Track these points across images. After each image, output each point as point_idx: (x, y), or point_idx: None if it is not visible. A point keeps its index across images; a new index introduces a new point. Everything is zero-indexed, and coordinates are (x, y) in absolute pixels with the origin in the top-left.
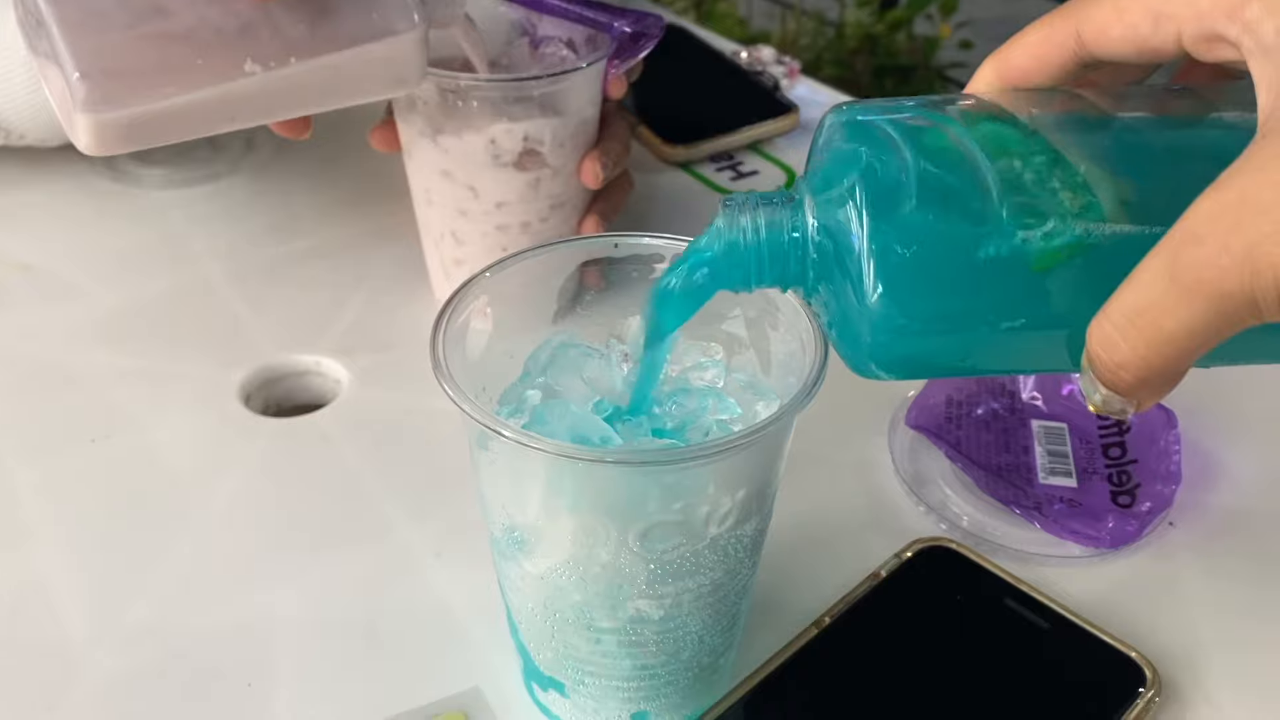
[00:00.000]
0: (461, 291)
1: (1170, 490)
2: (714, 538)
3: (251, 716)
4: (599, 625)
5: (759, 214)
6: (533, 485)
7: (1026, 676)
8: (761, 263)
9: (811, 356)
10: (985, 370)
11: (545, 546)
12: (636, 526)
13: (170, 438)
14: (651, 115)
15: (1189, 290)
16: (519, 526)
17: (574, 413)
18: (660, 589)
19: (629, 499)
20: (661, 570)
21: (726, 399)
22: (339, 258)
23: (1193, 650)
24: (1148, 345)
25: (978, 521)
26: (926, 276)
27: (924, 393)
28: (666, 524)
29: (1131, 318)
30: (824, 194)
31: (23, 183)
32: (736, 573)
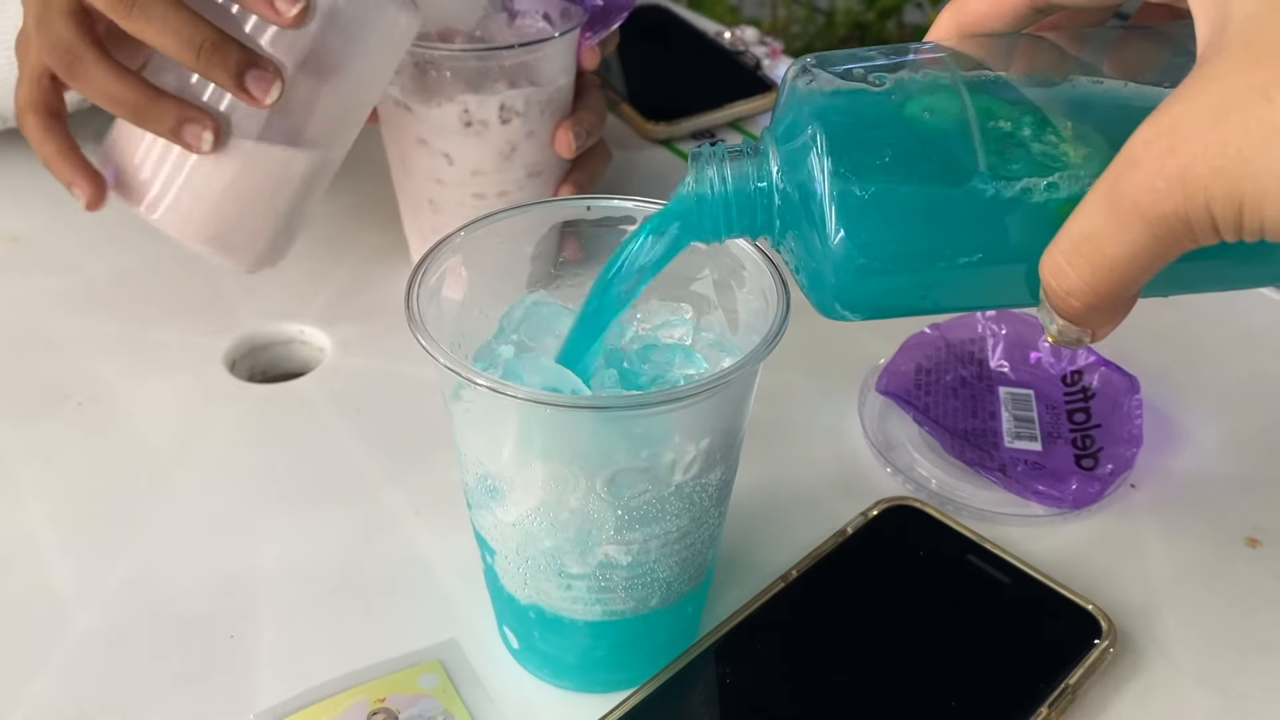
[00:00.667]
0: (436, 249)
1: (1132, 453)
2: (679, 485)
3: (234, 666)
4: (570, 571)
5: (725, 166)
6: (504, 433)
7: (987, 628)
8: (730, 213)
9: (774, 310)
10: (949, 307)
11: (517, 494)
12: (604, 473)
13: (156, 403)
14: (635, 93)
15: (1127, 215)
16: (492, 475)
17: (545, 365)
18: (628, 535)
19: (597, 446)
20: (629, 516)
21: (695, 355)
22: (322, 229)
23: (1149, 605)
24: (1093, 271)
25: (945, 483)
26: (885, 218)
27: (894, 360)
28: (633, 471)
29: (1078, 244)
30: (787, 144)
31: (11, 157)
32: (703, 521)
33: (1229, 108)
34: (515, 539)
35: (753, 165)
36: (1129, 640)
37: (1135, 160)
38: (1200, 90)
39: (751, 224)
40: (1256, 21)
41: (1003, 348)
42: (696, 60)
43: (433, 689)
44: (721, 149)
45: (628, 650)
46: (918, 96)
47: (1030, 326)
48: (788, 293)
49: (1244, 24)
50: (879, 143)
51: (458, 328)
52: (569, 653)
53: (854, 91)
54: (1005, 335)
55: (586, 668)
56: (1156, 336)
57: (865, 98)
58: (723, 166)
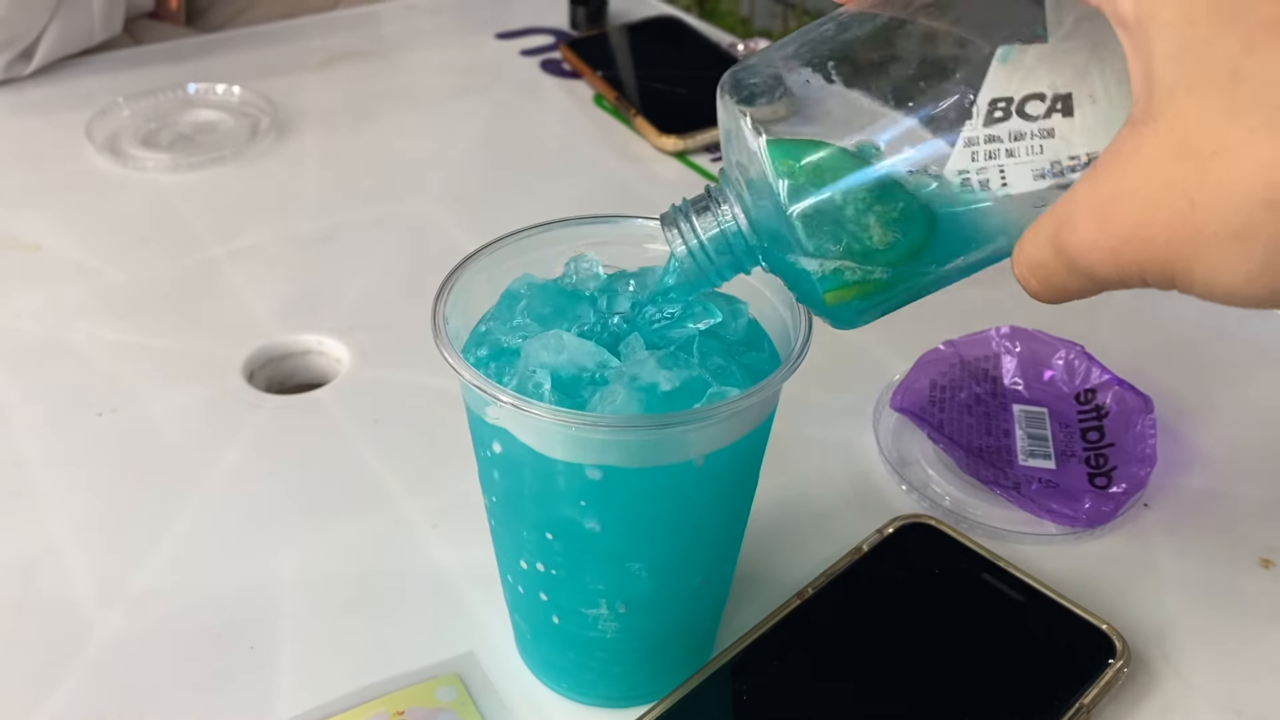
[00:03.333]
0: (461, 266)
1: (1145, 473)
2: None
3: (254, 677)
4: (592, 588)
5: (693, 223)
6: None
7: (1001, 647)
8: (717, 265)
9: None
10: (939, 286)
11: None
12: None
13: (175, 413)
14: (648, 105)
15: (1070, 264)
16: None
17: (569, 343)
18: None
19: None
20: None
21: (710, 305)
22: (340, 241)
23: (1162, 625)
24: (1050, 290)
25: (959, 500)
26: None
27: (909, 377)
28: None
29: (1033, 267)
30: (735, 186)
31: (32, 166)
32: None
33: (1155, 200)
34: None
35: (713, 217)
36: (1143, 660)
37: (1074, 224)
38: (1130, 166)
39: (739, 264)
40: (1177, 99)
41: (1016, 365)
42: (709, 72)
43: (451, 702)
44: (685, 205)
45: (646, 667)
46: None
47: (1044, 344)
48: (810, 314)
49: (1168, 98)
50: (833, 189)
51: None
52: (587, 669)
53: (796, 143)
54: (1019, 353)
55: (604, 683)
56: (1170, 355)
57: (808, 146)
58: (690, 224)
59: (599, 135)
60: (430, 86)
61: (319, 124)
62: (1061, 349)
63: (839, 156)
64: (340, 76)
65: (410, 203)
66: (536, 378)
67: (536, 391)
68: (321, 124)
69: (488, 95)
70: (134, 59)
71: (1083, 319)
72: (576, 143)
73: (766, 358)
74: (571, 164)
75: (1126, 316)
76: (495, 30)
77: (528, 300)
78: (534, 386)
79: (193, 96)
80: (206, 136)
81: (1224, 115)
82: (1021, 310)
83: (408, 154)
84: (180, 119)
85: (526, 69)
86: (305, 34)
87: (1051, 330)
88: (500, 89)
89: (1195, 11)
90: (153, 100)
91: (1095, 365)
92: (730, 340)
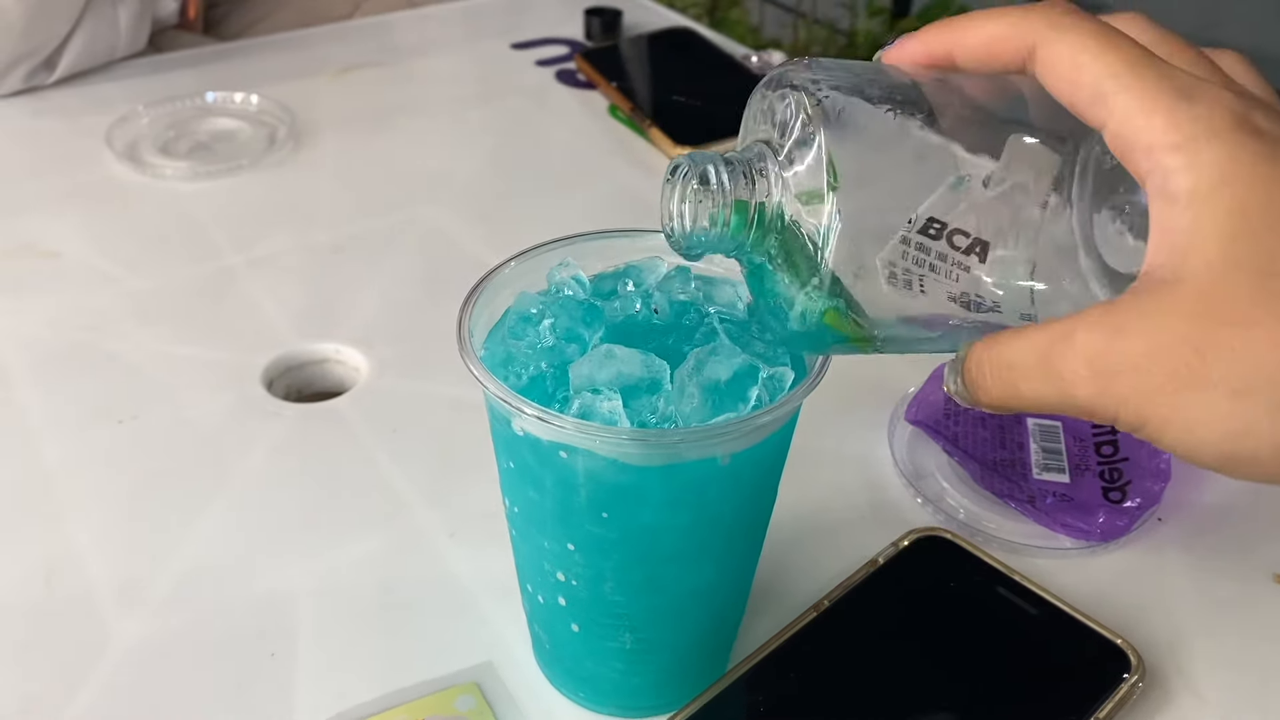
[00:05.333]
0: (487, 278)
1: (1159, 487)
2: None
3: (273, 685)
4: (612, 600)
5: (723, 183)
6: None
7: (1016, 660)
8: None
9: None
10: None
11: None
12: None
13: (195, 420)
14: (662, 116)
15: (1049, 377)
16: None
17: (620, 355)
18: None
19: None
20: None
21: (740, 285)
22: (356, 249)
23: (1176, 640)
24: (1003, 393)
25: (973, 513)
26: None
27: (924, 390)
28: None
29: (1001, 368)
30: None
31: (52, 174)
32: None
33: (1165, 346)
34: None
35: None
36: (1157, 675)
37: (1074, 341)
38: (1149, 310)
39: (726, 249)
40: (1212, 271)
41: None
42: (723, 83)
43: (469, 710)
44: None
45: (663, 678)
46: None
47: None
48: None
49: (1204, 269)
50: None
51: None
52: (605, 679)
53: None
54: None
55: (622, 694)
56: None
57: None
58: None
59: (613, 146)
60: (445, 96)
61: (335, 133)
62: None
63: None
64: (356, 86)
65: (425, 212)
66: (607, 402)
67: (610, 415)
68: (338, 133)
69: (502, 105)
70: (153, 66)
71: None
72: (591, 153)
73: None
74: (586, 175)
75: None
76: (510, 40)
77: (553, 320)
78: (608, 410)
79: (211, 105)
80: (224, 145)
81: (1252, 297)
82: None
83: (423, 163)
84: (199, 127)
85: (541, 79)
86: (321, 43)
87: None
88: (515, 99)
89: (1249, 207)
90: (171, 108)
91: None
92: (745, 321)
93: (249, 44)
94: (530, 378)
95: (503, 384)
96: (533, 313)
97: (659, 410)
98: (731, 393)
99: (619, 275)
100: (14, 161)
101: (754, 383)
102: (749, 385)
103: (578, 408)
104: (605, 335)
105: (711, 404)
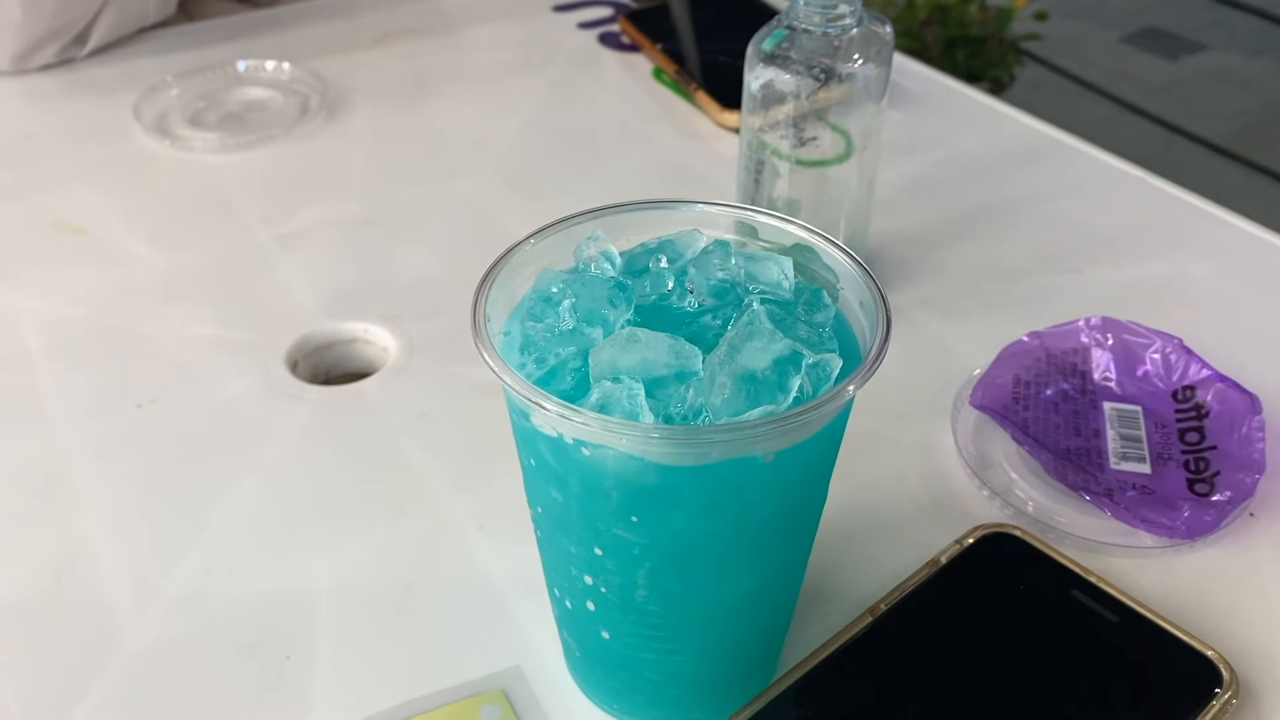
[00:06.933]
0: (504, 258)
1: (1252, 479)
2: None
3: (289, 690)
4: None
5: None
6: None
7: (1092, 674)
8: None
9: (873, 329)
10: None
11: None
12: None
13: (215, 405)
14: (710, 80)
15: None
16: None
17: (645, 340)
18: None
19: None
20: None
21: (784, 261)
22: (390, 224)
23: (1273, 650)
24: None
25: (1044, 507)
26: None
27: (990, 371)
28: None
29: None
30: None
31: (80, 148)
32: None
33: None
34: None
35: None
36: (1253, 690)
37: None
38: None
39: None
40: None
41: (1108, 359)
42: None
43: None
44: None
45: (703, 689)
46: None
47: (1138, 337)
48: (888, 310)
49: None
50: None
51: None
52: (640, 690)
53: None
54: (1111, 345)
55: (659, 706)
56: (1278, 349)
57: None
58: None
59: (658, 111)
60: (485, 62)
61: (370, 102)
62: (1157, 341)
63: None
64: (393, 53)
65: (462, 183)
66: (630, 391)
67: (631, 407)
68: (373, 102)
69: (544, 71)
70: (186, 36)
71: (1182, 308)
72: (635, 119)
73: (834, 316)
74: (629, 142)
75: (1229, 306)
76: (553, 3)
77: (574, 300)
78: (628, 400)
79: (242, 74)
80: (256, 115)
81: None
82: (1114, 299)
83: (461, 132)
84: (229, 97)
85: (584, 42)
86: (360, 10)
87: (1147, 321)
88: (557, 64)
89: None
90: (202, 78)
91: (1195, 360)
92: (788, 302)
93: (285, 11)
94: (550, 365)
95: (518, 373)
96: (553, 292)
97: (687, 402)
98: (770, 383)
99: (652, 251)
100: (44, 136)
101: (796, 371)
102: (790, 374)
103: (596, 398)
104: (635, 318)
105: (746, 395)
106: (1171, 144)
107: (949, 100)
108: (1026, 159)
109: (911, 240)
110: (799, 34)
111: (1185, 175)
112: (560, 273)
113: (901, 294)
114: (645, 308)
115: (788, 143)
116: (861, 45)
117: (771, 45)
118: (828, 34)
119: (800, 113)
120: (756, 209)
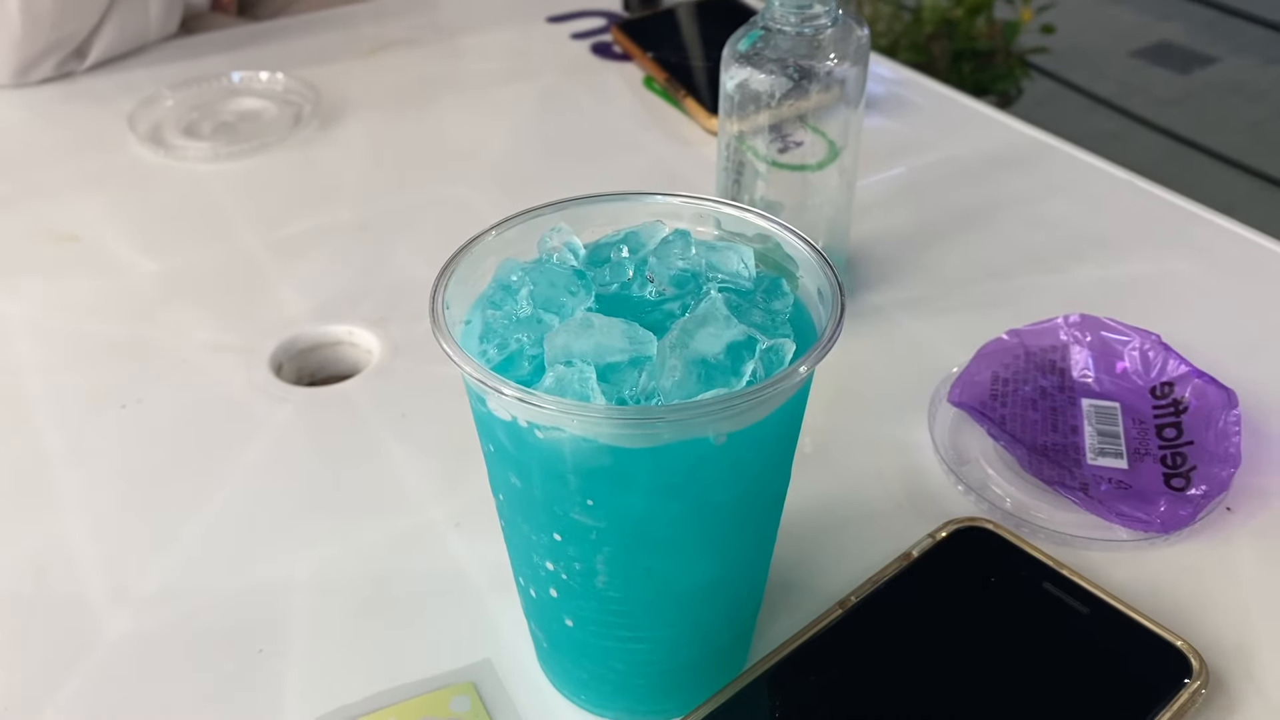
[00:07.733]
0: (464, 249)
1: (1228, 473)
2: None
3: (261, 683)
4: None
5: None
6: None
7: (1065, 665)
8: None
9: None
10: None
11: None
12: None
13: (199, 406)
14: (698, 87)
15: None
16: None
17: (599, 324)
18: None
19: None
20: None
21: (745, 250)
22: (381, 230)
23: (1244, 642)
24: None
25: (1020, 503)
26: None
27: (969, 369)
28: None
29: None
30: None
31: (75, 159)
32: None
33: None
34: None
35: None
36: (1222, 681)
37: None
38: None
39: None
40: None
41: (1086, 356)
42: None
43: (464, 712)
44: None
45: (670, 679)
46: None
47: (1117, 334)
48: (843, 293)
49: None
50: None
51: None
52: (605, 680)
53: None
54: (1089, 343)
55: (625, 696)
56: (1255, 346)
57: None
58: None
59: (648, 119)
60: (479, 72)
61: (363, 111)
62: (1136, 338)
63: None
64: (388, 63)
65: (454, 190)
66: (580, 374)
67: (583, 389)
68: (366, 111)
69: (537, 80)
70: (184, 49)
71: (1160, 306)
72: (625, 127)
73: (793, 304)
74: (620, 148)
75: (1208, 303)
76: (547, 13)
77: (532, 288)
78: (579, 383)
79: (237, 85)
80: (249, 125)
81: None
82: (1092, 297)
83: (454, 141)
84: (223, 107)
85: (577, 52)
86: (356, 21)
87: (1125, 318)
88: (550, 73)
89: None
90: (196, 89)
91: (1173, 356)
92: (746, 290)
93: (281, 24)
94: (510, 351)
95: (472, 358)
96: (513, 280)
97: (639, 384)
98: (723, 367)
99: (616, 243)
100: (40, 147)
101: (751, 356)
102: (744, 359)
103: (551, 382)
104: (596, 306)
105: (698, 377)
106: (1182, 156)
107: (941, 107)
108: (1013, 162)
109: (896, 241)
110: (774, 34)
111: (1197, 187)
112: (521, 262)
113: (883, 294)
114: (606, 297)
115: (763, 142)
116: (837, 45)
117: (746, 45)
118: (803, 34)
119: (779, 118)
120: (718, 199)
